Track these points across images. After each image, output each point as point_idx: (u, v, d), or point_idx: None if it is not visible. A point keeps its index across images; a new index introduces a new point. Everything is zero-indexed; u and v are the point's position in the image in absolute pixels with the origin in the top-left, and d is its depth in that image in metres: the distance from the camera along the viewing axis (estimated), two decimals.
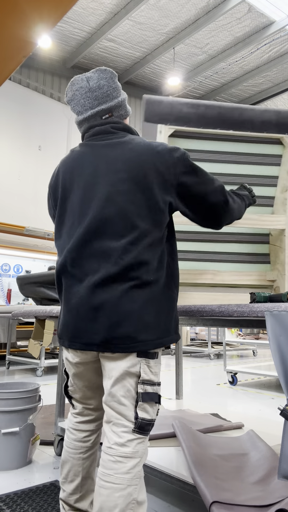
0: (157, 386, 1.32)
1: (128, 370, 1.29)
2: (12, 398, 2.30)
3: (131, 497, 1.22)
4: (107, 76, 1.44)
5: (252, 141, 2.20)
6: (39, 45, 9.00)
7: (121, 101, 1.45)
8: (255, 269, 2.28)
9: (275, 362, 1.23)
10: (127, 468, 1.24)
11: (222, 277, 2.15)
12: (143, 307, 1.29)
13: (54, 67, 10.20)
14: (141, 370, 1.29)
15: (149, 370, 1.31)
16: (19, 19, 2.26)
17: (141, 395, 1.28)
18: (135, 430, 1.27)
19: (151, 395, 1.30)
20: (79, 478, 1.47)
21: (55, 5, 2.18)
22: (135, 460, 1.25)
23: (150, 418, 1.29)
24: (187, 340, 8.42)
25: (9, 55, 2.58)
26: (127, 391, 1.29)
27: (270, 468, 1.72)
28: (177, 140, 2.09)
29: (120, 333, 1.27)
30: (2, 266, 8.11)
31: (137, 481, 1.24)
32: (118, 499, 1.21)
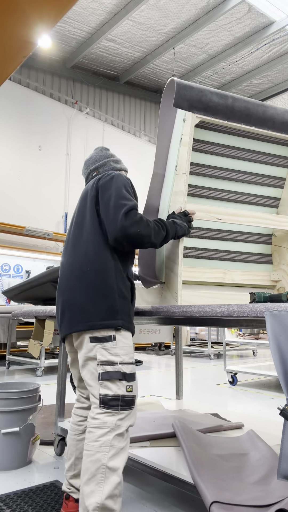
0: (120, 365, 1.51)
1: (87, 355, 1.54)
2: (12, 398, 2.30)
3: (99, 462, 1.42)
4: (97, 151, 1.92)
5: (264, 140, 2.17)
6: (39, 45, 9.00)
7: (106, 162, 1.87)
8: (256, 269, 2.27)
9: (275, 362, 1.23)
10: (96, 437, 1.45)
11: (231, 276, 2.14)
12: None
13: (54, 67, 10.20)
14: (97, 353, 1.51)
15: (107, 352, 1.51)
16: (19, 19, 2.26)
17: (101, 375, 1.50)
18: (100, 405, 1.48)
19: (111, 373, 1.49)
20: (73, 457, 1.73)
21: (55, 5, 2.18)
22: (104, 430, 1.45)
23: (112, 393, 1.48)
24: (187, 340, 8.42)
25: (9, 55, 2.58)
26: (91, 373, 1.53)
27: (270, 468, 1.72)
28: (202, 132, 2.01)
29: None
30: (2, 266, 8.11)
31: (106, 449, 1.44)
32: (88, 463, 1.44)
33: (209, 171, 2.08)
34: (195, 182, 2.06)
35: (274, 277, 2.27)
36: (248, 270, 2.23)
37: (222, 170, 2.11)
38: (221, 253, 2.16)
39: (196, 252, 2.10)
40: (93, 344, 1.52)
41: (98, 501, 1.39)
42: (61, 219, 9.61)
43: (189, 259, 2.09)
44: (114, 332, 1.53)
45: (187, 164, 1.85)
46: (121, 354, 1.52)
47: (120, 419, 1.48)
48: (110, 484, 1.42)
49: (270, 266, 2.32)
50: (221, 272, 2.11)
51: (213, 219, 1.95)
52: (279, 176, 2.26)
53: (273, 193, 2.26)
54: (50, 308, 2.40)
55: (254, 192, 2.21)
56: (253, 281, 2.20)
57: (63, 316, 1.61)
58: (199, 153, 2.05)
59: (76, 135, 10.31)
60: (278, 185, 2.26)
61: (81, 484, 1.45)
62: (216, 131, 2.04)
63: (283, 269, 2.26)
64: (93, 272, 1.57)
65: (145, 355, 8.69)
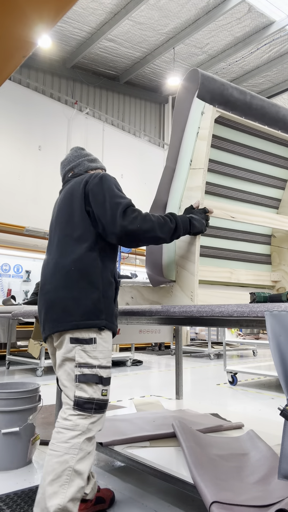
0: (98, 368, 1.51)
1: (66, 356, 1.52)
2: (12, 398, 2.30)
3: (67, 464, 1.41)
4: (72, 152, 1.92)
5: (272, 140, 2.16)
6: (39, 45, 9.00)
7: (81, 161, 1.87)
8: (258, 269, 2.27)
9: (275, 362, 1.23)
10: (66, 438, 1.44)
11: (237, 276, 2.13)
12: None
13: (54, 67, 10.20)
14: (76, 354, 1.50)
15: (86, 355, 1.51)
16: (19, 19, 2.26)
17: (78, 377, 1.49)
18: (74, 407, 1.48)
19: (88, 376, 1.49)
20: None
21: (55, 5, 2.17)
22: (75, 432, 1.45)
23: (87, 396, 1.48)
24: (187, 340, 8.42)
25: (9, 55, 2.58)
26: (67, 374, 1.53)
27: (270, 468, 1.72)
28: (218, 127, 1.98)
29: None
30: (2, 266, 8.11)
31: (75, 451, 1.43)
32: (55, 464, 1.42)
33: (220, 168, 2.06)
34: (207, 179, 2.04)
35: (273, 278, 2.27)
36: (251, 270, 2.22)
37: (232, 167, 2.09)
38: (227, 252, 2.15)
39: (205, 250, 2.07)
40: (72, 345, 1.51)
41: (60, 503, 1.38)
42: None
43: (200, 258, 2.07)
44: (95, 334, 1.53)
45: (206, 159, 1.81)
46: (100, 357, 1.53)
47: (92, 422, 1.48)
48: (74, 487, 1.41)
49: (270, 267, 2.32)
50: (228, 271, 2.09)
51: (228, 217, 1.92)
52: (282, 177, 2.26)
53: (275, 194, 2.26)
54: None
55: (258, 192, 2.20)
56: (255, 281, 2.20)
57: (47, 316, 1.59)
58: (212, 148, 2.02)
59: (76, 135, 10.31)
60: (280, 186, 2.26)
61: (44, 484, 1.42)
62: (230, 127, 2.02)
63: (283, 269, 2.26)
64: (78, 272, 1.56)
65: (145, 355, 8.69)
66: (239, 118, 1.93)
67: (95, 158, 1.91)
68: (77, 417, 1.47)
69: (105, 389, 1.52)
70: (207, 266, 2.03)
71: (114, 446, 2.00)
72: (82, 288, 1.55)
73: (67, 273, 1.57)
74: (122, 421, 2.39)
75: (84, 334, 1.52)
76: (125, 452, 1.93)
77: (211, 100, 1.81)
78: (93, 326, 1.52)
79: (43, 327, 1.62)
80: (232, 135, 2.05)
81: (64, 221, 1.68)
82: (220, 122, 1.96)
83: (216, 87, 1.81)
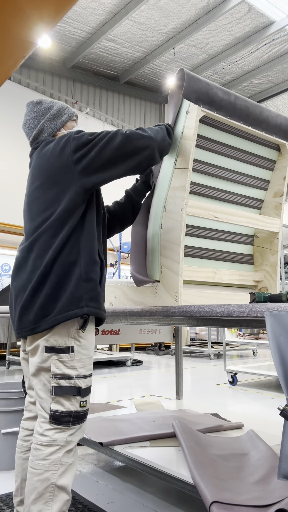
0: (76, 379, 1.38)
1: (41, 366, 1.39)
2: (12, 398, 2.30)
3: (48, 481, 1.33)
4: (28, 111, 1.67)
5: (256, 141, 2.18)
6: (39, 45, 9.00)
7: (42, 124, 1.63)
8: (241, 269, 2.28)
9: (275, 362, 1.23)
10: (45, 455, 1.34)
11: (220, 276, 2.14)
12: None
13: (54, 67, 10.20)
14: (51, 365, 1.37)
15: (63, 365, 1.37)
16: (19, 19, 2.26)
17: (54, 389, 1.37)
18: (50, 421, 1.36)
19: (65, 388, 1.37)
20: (19, 479, 1.54)
21: (55, 5, 2.17)
22: (53, 448, 1.35)
23: (65, 410, 1.36)
24: (187, 340, 8.42)
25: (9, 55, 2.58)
26: (43, 385, 1.39)
27: (270, 468, 1.72)
28: (202, 127, 1.98)
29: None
30: (2, 266, 8.11)
31: (56, 467, 1.34)
32: (36, 483, 1.33)
33: (204, 168, 2.07)
34: (192, 179, 2.05)
35: (256, 277, 2.29)
36: (234, 270, 2.24)
37: (216, 168, 2.10)
38: (211, 252, 2.16)
39: (189, 250, 2.08)
40: (48, 355, 1.38)
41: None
42: None
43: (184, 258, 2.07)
44: (73, 342, 1.40)
45: (191, 159, 1.82)
46: (78, 367, 1.40)
47: (70, 434, 1.39)
48: (59, 502, 1.34)
49: (252, 267, 2.34)
50: (212, 271, 2.11)
51: (212, 217, 1.94)
52: (264, 178, 2.27)
53: (258, 194, 2.28)
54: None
55: (242, 193, 2.22)
56: (238, 281, 2.21)
57: (22, 314, 1.42)
58: (197, 148, 2.03)
59: None
60: (263, 187, 2.28)
61: (27, 503, 1.34)
62: (215, 127, 2.04)
63: (265, 269, 2.28)
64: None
65: (145, 355, 8.69)
66: (223, 118, 1.95)
67: (56, 111, 1.64)
68: (54, 432, 1.36)
69: (84, 400, 1.40)
70: (191, 266, 2.04)
71: (114, 446, 2.00)
72: (56, 274, 1.43)
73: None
74: (122, 421, 2.39)
75: (60, 342, 1.38)
76: (125, 452, 1.93)
77: (196, 100, 1.82)
78: (73, 316, 1.38)
79: (17, 325, 1.46)
80: (216, 135, 2.06)
81: (30, 201, 1.53)
82: (205, 122, 1.97)
83: (202, 86, 1.83)
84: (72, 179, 1.45)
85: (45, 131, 1.62)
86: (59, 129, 1.64)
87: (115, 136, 1.45)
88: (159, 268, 1.89)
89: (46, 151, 1.51)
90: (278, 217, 2.24)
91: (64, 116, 1.65)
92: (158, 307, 1.71)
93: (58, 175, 1.46)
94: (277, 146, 2.25)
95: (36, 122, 1.63)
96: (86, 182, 1.45)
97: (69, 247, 1.43)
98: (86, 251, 1.45)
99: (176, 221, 1.83)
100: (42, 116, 1.63)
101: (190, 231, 2.07)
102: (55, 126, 1.63)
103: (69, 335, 1.40)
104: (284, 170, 2.25)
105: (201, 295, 1.99)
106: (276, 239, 2.24)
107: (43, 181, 1.49)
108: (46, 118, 1.62)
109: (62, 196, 1.45)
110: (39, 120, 1.63)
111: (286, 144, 2.22)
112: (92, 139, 1.45)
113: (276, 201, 2.25)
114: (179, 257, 1.79)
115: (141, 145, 1.47)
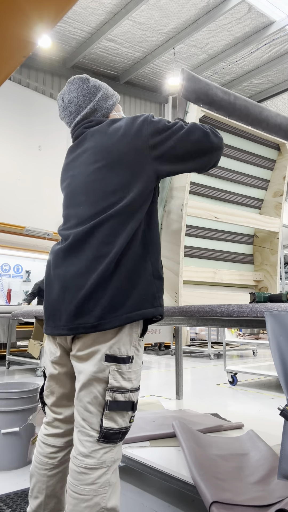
0: (131, 393, 1.25)
1: (96, 376, 1.22)
2: (12, 398, 2.30)
3: (98, 506, 1.18)
4: (75, 87, 1.53)
5: (255, 141, 2.18)
6: (39, 45, 9.01)
7: (96, 103, 1.50)
8: (241, 269, 2.28)
9: (275, 362, 1.23)
10: (92, 479, 1.19)
11: (220, 276, 2.14)
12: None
13: (54, 67, 10.20)
14: (110, 376, 1.22)
15: (121, 377, 1.23)
16: (19, 19, 2.26)
17: (109, 403, 1.21)
18: (100, 439, 1.21)
19: (121, 404, 1.22)
20: (43, 496, 1.38)
21: (55, 5, 2.17)
22: (101, 470, 1.20)
23: (117, 427, 1.22)
24: (187, 340, 8.42)
25: (9, 55, 2.58)
26: (94, 397, 1.22)
27: (270, 468, 1.72)
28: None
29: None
30: (2, 266, 8.11)
31: (105, 490, 1.20)
32: (84, 509, 1.18)
33: None
34: (191, 179, 2.05)
35: (256, 277, 2.29)
36: (234, 270, 2.24)
37: (216, 168, 2.11)
38: (211, 252, 2.16)
39: (189, 250, 2.08)
40: (107, 364, 1.22)
41: None
42: (61, 219, 9.61)
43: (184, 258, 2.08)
44: (133, 351, 1.26)
45: None
46: (133, 379, 1.26)
47: (117, 452, 1.26)
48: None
49: (252, 267, 2.34)
50: (212, 271, 2.11)
51: (212, 217, 1.94)
52: (264, 178, 2.28)
53: (257, 194, 2.28)
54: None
55: (242, 192, 2.22)
56: (238, 281, 2.21)
57: (81, 306, 1.23)
58: None
59: None
60: (263, 186, 2.28)
61: None
62: (215, 127, 2.04)
63: (265, 269, 2.28)
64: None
65: (145, 355, 8.69)
66: (223, 118, 1.95)
67: (107, 90, 1.53)
68: (102, 452, 1.21)
69: (134, 415, 1.27)
70: (191, 266, 2.04)
71: None
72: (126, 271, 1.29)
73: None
74: None
75: (122, 350, 1.24)
76: (125, 452, 1.93)
77: (196, 100, 1.82)
78: (149, 316, 1.25)
79: (70, 320, 1.27)
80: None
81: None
82: (204, 122, 1.98)
83: (201, 86, 1.83)
84: (146, 164, 1.33)
85: (99, 111, 1.49)
86: (112, 110, 1.53)
87: (194, 130, 1.35)
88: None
89: (116, 130, 1.37)
90: (278, 217, 2.24)
91: (114, 97, 1.54)
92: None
93: (131, 157, 1.33)
94: (277, 146, 2.25)
95: (88, 101, 1.50)
96: (160, 170, 1.35)
97: (139, 238, 1.30)
98: (154, 245, 1.34)
99: (176, 221, 1.83)
100: (93, 94, 1.50)
101: (190, 231, 2.07)
102: (109, 107, 1.51)
103: (131, 343, 1.26)
104: (284, 170, 2.25)
105: (201, 295, 1.99)
106: (276, 238, 2.25)
107: (110, 162, 1.34)
108: (98, 97, 1.50)
109: (133, 180, 1.32)
110: (90, 98, 1.50)
111: (286, 143, 2.22)
112: (170, 126, 1.35)
113: (276, 200, 2.26)
114: (179, 257, 1.79)
115: (217, 144, 1.38)
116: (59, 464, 1.39)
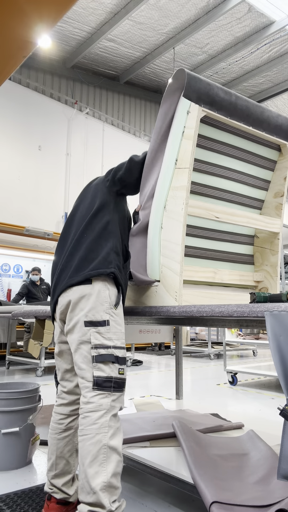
0: (113, 349, 1.56)
1: (81, 339, 1.57)
2: (12, 398, 2.30)
3: (101, 443, 1.45)
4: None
5: (257, 141, 2.18)
6: (39, 45, 9.00)
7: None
8: (242, 269, 2.28)
9: (275, 362, 1.23)
10: (93, 420, 1.47)
11: (220, 276, 2.14)
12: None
13: (54, 67, 10.20)
14: (91, 337, 1.55)
15: (101, 336, 1.55)
16: (19, 19, 2.26)
17: (94, 357, 1.53)
18: (94, 387, 1.51)
19: (105, 356, 1.54)
20: (54, 457, 1.71)
21: (55, 5, 2.18)
22: (100, 412, 1.48)
23: (106, 375, 1.52)
24: (187, 340, 8.42)
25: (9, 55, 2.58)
26: (84, 357, 1.56)
27: (270, 468, 1.72)
28: (203, 127, 1.98)
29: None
30: (2, 266, 8.11)
31: (106, 430, 1.47)
32: (89, 446, 1.45)
33: (205, 167, 2.07)
34: (192, 178, 2.04)
35: (256, 278, 2.29)
36: (234, 270, 2.24)
37: (217, 167, 2.10)
38: (211, 252, 2.16)
39: (189, 250, 2.08)
40: (87, 328, 1.56)
41: (105, 480, 1.42)
42: (61, 219, 9.61)
43: (184, 258, 2.08)
44: (108, 316, 1.58)
45: (191, 159, 1.82)
46: (114, 338, 1.58)
47: (113, 400, 1.52)
48: (113, 462, 1.45)
49: (253, 267, 2.34)
50: (212, 271, 2.11)
51: (212, 217, 1.94)
52: (265, 178, 2.27)
53: (258, 194, 2.27)
54: (50, 309, 2.40)
55: (242, 193, 2.22)
56: (238, 281, 2.21)
57: (59, 278, 1.68)
58: (197, 148, 2.03)
59: (76, 135, 10.31)
60: (263, 187, 2.28)
61: (83, 468, 1.45)
62: (216, 127, 2.04)
63: (266, 270, 2.28)
64: (90, 236, 1.70)
65: (145, 355, 8.69)
66: (224, 118, 1.94)
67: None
68: (99, 397, 1.50)
69: (122, 367, 1.56)
70: (191, 266, 2.04)
71: None
72: (92, 246, 1.69)
73: (80, 238, 1.75)
74: (122, 421, 2.39)
75: (97, 316, 1.57)
76: (125, 452, 1.93)
77: (197, 100, 1.82)
78: (102, 274, 1.60)
79: (54, 290, 1.71)
80: (217, 135, 2.05)
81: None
82: (205, 122, 1.97)
83: (202, 86, 1.83)
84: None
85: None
86: None
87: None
88: (160, 268, 1.88)
89: None
90: (278, 217, 2.24)
91: None
92: (158, 307, 1.71)
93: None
94: (278, 147, 2.25)
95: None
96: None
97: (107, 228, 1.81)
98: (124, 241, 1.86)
99: (176, 221, 1.83)
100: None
101: (190, 231, 2.07)
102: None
103: (104, 310, 1.58)
104: (284, 171, 2.25)
105: (201, 295, 1.99)
106: (276, 239, 2.25)
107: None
108: None
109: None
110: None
111: (287, 144, 2.22)
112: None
113: (277, 201, 2.26)
114: (180, 257, 1.79)
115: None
116: (66, 429, 1.72)
